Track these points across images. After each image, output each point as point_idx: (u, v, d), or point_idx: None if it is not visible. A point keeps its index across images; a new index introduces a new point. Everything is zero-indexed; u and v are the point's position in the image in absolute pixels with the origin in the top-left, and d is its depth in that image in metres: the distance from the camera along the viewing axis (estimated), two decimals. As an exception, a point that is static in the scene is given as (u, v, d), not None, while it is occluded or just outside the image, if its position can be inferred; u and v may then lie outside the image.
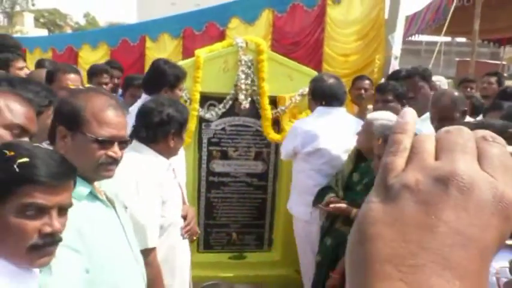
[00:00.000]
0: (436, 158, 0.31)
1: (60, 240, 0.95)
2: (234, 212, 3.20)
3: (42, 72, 2.54)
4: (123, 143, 1.28)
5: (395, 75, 3.06)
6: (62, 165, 0.97)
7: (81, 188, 1.18)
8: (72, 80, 2.37)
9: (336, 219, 2.34)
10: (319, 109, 2.56)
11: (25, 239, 0.90)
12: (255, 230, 3.25)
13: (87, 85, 3.41)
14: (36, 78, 2.33)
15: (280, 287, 3.08)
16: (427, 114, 2.72)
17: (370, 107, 2.99)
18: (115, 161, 1.24)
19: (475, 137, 0.32)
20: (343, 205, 2.22)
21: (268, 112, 2.95)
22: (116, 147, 1.24)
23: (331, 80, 2.57)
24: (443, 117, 2.21)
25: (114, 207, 1.30)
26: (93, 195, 1.23)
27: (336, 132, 2.53)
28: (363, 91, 3.26)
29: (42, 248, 0.92)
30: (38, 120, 1.50)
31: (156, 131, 1.69)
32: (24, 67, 2.82)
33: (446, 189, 0.29)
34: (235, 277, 3.00)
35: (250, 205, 3.21)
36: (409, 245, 0.28)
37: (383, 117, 2.18)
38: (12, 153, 0.90)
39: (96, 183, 1.27)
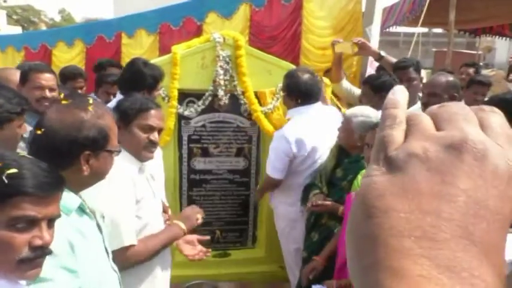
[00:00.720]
0: (438, 130, 0.29)
1: (49, 252, 0.93)
2: (216, 209, 3.18)
3: (7, 72, 2.41)
4: None
5: (397, 65, 3.00)
6: (51, 176, 0.94)
7: (71, 201, 1.15)
8: (46, 80, 2.28)
9: (321, 214, 2.35)
10: (300, 109, 2.51)
11: (15, 253, 0.87)
12: (238, 227, 3.24)
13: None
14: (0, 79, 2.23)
15: (265, 283, 3.09)
16: (415, 106, 2.76)
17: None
18: None
19: (472, 108, 0.30)
20: (328, 203, 2.22)
21: (256, 105, 2.92)
22: None
23: (306, 76, 2.51)
24: (432, 94, 2.28)
25: (95, 217, 1.27)
26: (80, 209, 1.20)
27: (319, 130, 2.53)
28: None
29: (32, 260, 0.89)
30: (7, 127, 1.44)
31: None
32: None
33: (459, 155, 0.26)
34: (219, 275, 2.99)
35: (233, 202, 3.19)
36: (428, 217, 0.25)
37: (362, 113, 2.18)
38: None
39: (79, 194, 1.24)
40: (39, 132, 1.13)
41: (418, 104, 2.76)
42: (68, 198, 1.14)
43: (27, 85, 2.22)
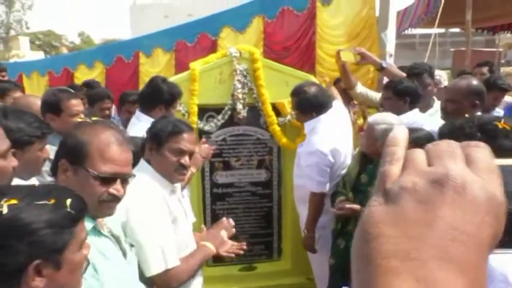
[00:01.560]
0: (429, 165, 0.33)
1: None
2: (240, 222, 3.17)
3: (29, 101, 2.47)
4: (126, 180, 1.25)
5: (411, 71, 2.94)
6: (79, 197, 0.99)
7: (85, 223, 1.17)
8: (79, 105, 2.35)
9: (348, 221, 2.32)
10: (319, 119, 2.52)
11: (81, 271, 0.95)
12: (263, 239, 3.22)
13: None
14: (21, 105, 2.30)
15: (293, 296, 3.05)
16: (431, 110, 2.72)
17: None
18: (116, 199, 1.21)
19: (460, 145, 0.35)
20: (355, 206, 2.20)
21: (273, 118, 2.95)
22: (118, 185, 1.20)
23: (313, 89, 2.53)
24: (451, 100, 2.17)
25: (119, 243, 1.28)
26: (96, 230, 1.20)
27: (341, 134, 2.56)
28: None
29: None
30: (28, 150, 1.48)
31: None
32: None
33: (442, 188, 0.31)
34: (246, 289, 2.97)
35: (257, 214, 3.19)
36: (412, 241, 0.30)
37: (384, 121, 2.16)
38: (52, 200, 0.88)
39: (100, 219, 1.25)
40: None
41: (435, 107, 2.72)
42: None
43: (63, 114, 2.28)
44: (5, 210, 0.81)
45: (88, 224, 1.17)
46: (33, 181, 1.54)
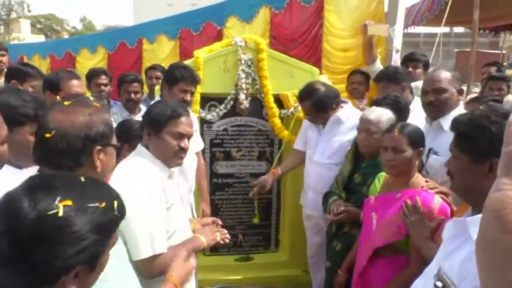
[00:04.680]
0: None
1: None
2: (239, 213, 3.17)
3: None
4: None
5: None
6: None
7: None
8: (76, 86, 2.34)
9: (343, 223, 2.29)
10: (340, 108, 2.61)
11: None
12: (261, 230, 3.22)
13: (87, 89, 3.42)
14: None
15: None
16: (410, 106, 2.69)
17: None
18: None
19: None
20: (352, 209, 2.18)
21: (275, 110, 2.93)
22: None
23: (322, 85, 2.57)
24: (439, 89, 2.12)
25: None
26: None
27: None
28: (355, 85, 3.33)
29: None
30: (18, 131, 1.37)
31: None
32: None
33: None
34: (242, 279, 2.98)
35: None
36: None
37: (380, 113, 2.12)
38: (103, 203, 0.84)
39: None
40: (48, 135, 1.10)
41: (413, 104, 2.63)
42: None
43: (61, 93, 2.26)
44: (60, 212, 0.77)
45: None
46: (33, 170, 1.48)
